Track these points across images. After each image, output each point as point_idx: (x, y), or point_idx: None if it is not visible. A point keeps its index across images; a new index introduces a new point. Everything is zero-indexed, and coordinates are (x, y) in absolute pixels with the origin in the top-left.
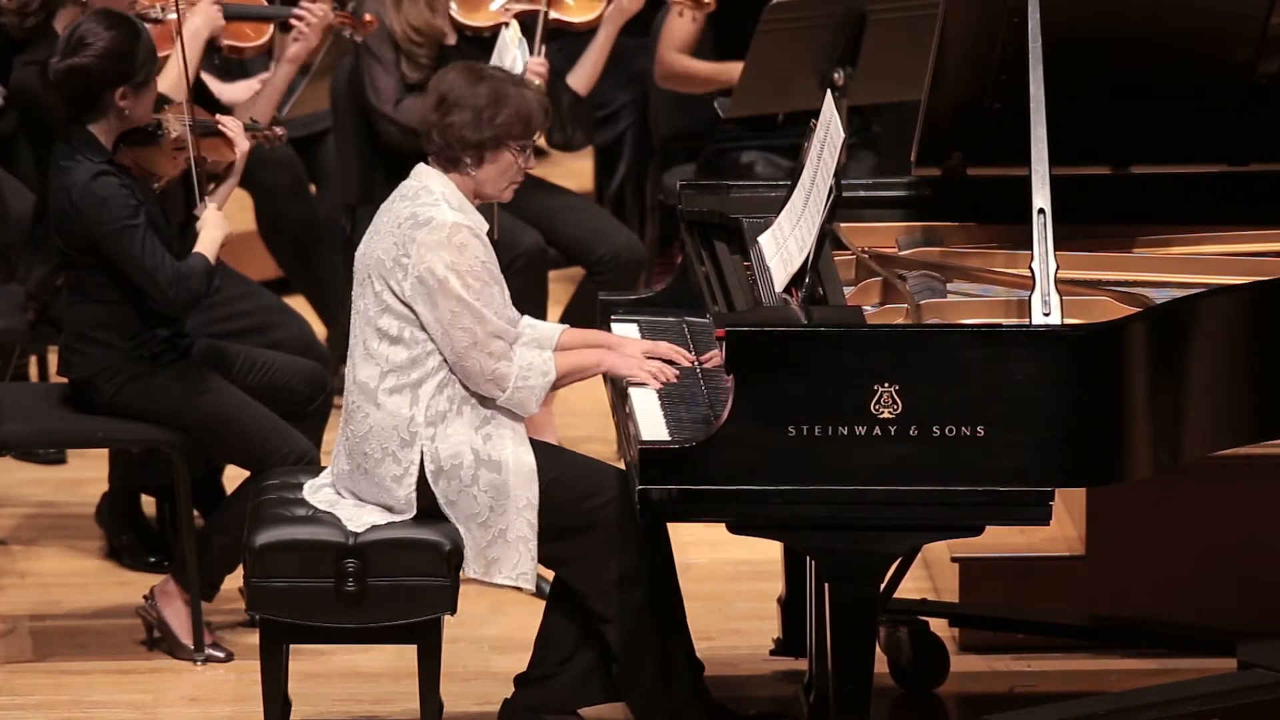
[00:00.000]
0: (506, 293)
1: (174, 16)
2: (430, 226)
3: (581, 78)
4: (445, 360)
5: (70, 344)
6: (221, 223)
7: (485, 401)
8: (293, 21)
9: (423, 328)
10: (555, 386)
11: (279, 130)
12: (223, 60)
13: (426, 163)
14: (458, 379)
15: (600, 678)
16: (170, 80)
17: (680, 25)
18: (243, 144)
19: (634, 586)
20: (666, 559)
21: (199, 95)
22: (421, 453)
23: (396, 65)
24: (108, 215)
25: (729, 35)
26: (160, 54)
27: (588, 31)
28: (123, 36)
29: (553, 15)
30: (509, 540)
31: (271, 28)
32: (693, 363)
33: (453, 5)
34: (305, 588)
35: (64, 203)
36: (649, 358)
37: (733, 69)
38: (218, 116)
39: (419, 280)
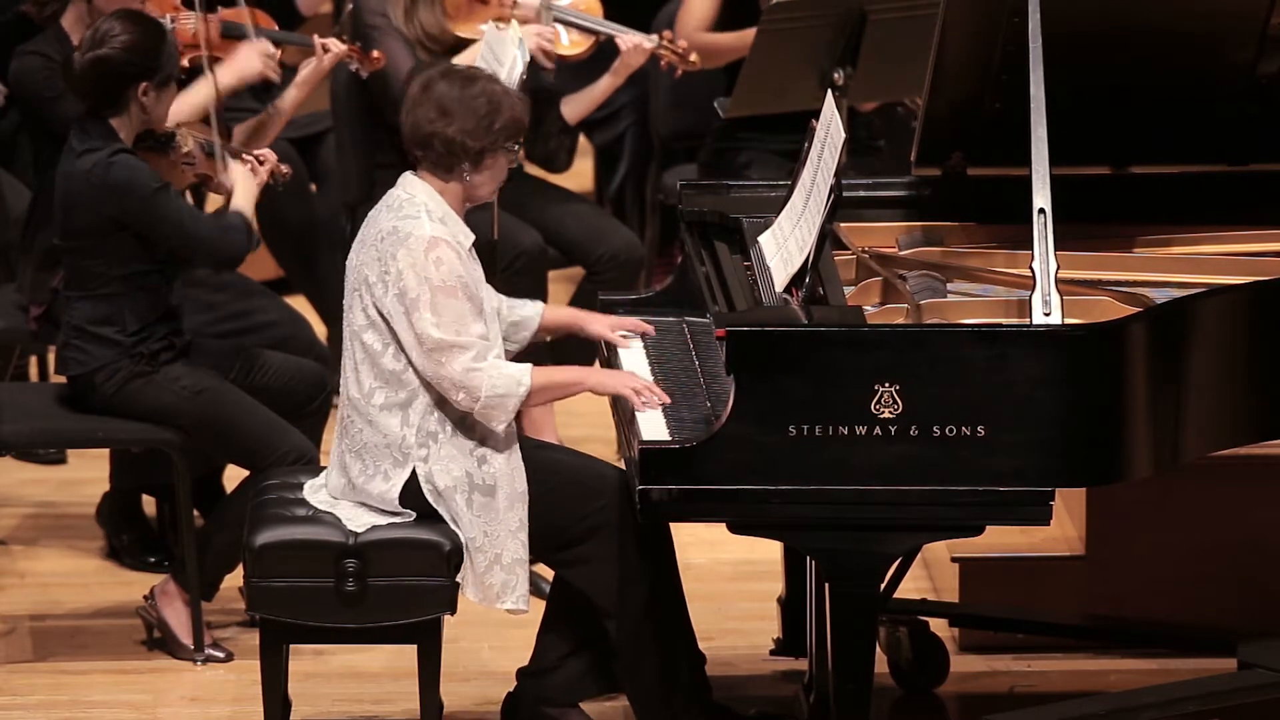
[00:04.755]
0: (487, 303)
1: (179, 26)
2: (409, 242)
3: (574, 110)
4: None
5: (69, 340)
6: (249, 175)
7: (479, 421)
8: (316, 45)
9: (402, 347)
10: (533, 402)
11: (285, 168)
12: None
13: (414, 172)
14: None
15: (601, 672)
16: (194, 104)
17: (698, 4)
18: (259, 178)
19: (636, 583)
20: (669, 555)
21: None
22: (414, 472)
23: (401, 35)
24: (139, 185)
25: (740, 12)
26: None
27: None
28: (148, 33)
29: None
30: (504, 564)
31: (280, 54)
32: (651, 333)
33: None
34: (305, 588)
35: (81, 185)
36: (621, 331)
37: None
38: (259, 152)
39: (397, 296)
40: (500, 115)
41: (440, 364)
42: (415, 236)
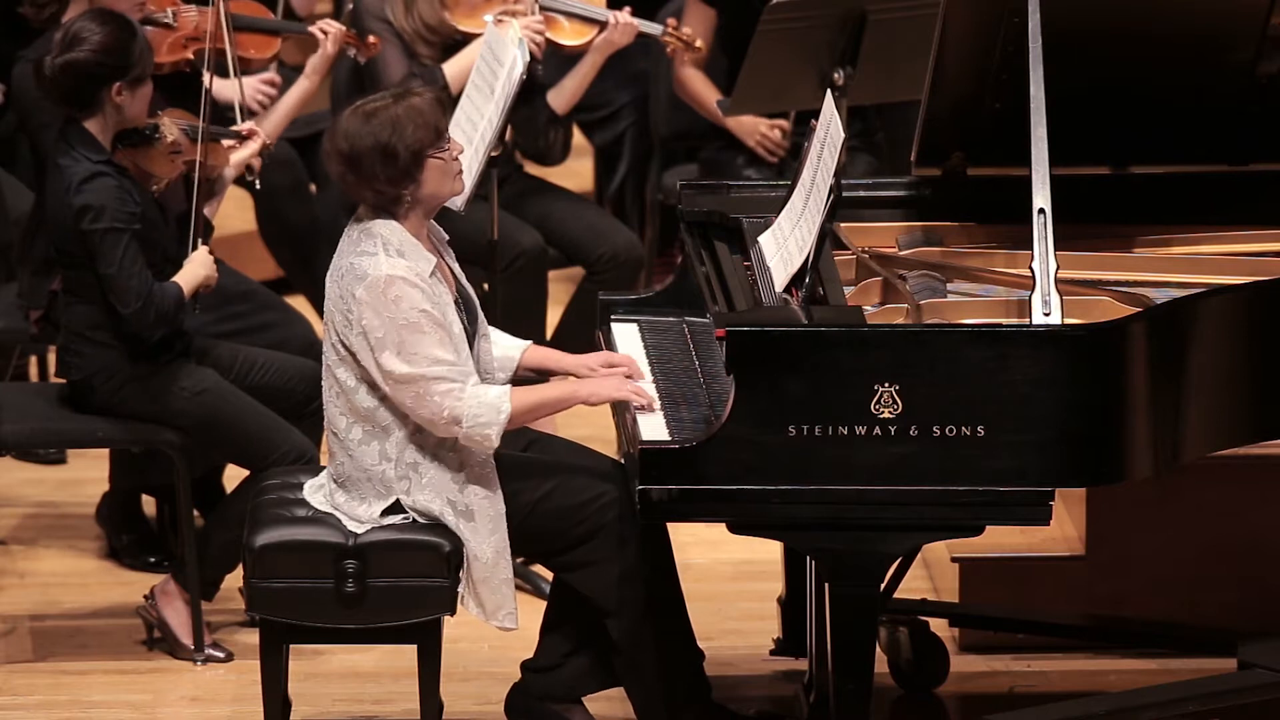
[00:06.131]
0: (456, 324)
1: (181, 19)
2: (366, 283)
3: (562, 98)
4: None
5: (68, 345)
6: (207, 263)
7: (458, 447)
8: (314, 32)
9: (375, 384)
10: (518, 423)
11: (268, 140)
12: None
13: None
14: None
15: (601, 669)
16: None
17: (693, 19)
18: (250, 149)
19: (635, 582)
20: (666, 553)
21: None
22: (397, 501)
23: (399, 39)
24: (101, 214)
25: (736, 36)
26: (165, 59)
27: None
28: (117, 33)
29: (546, 35)
30: (493, 585)
31: (279, 42)
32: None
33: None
34: (305, 588)
35: (60, 200)
36: (611, 367)
37: (716, 109)
38: (243, 126)
39: (361, 336)
40: (404, 133)
41: (418, 397)
42: (371, 276)
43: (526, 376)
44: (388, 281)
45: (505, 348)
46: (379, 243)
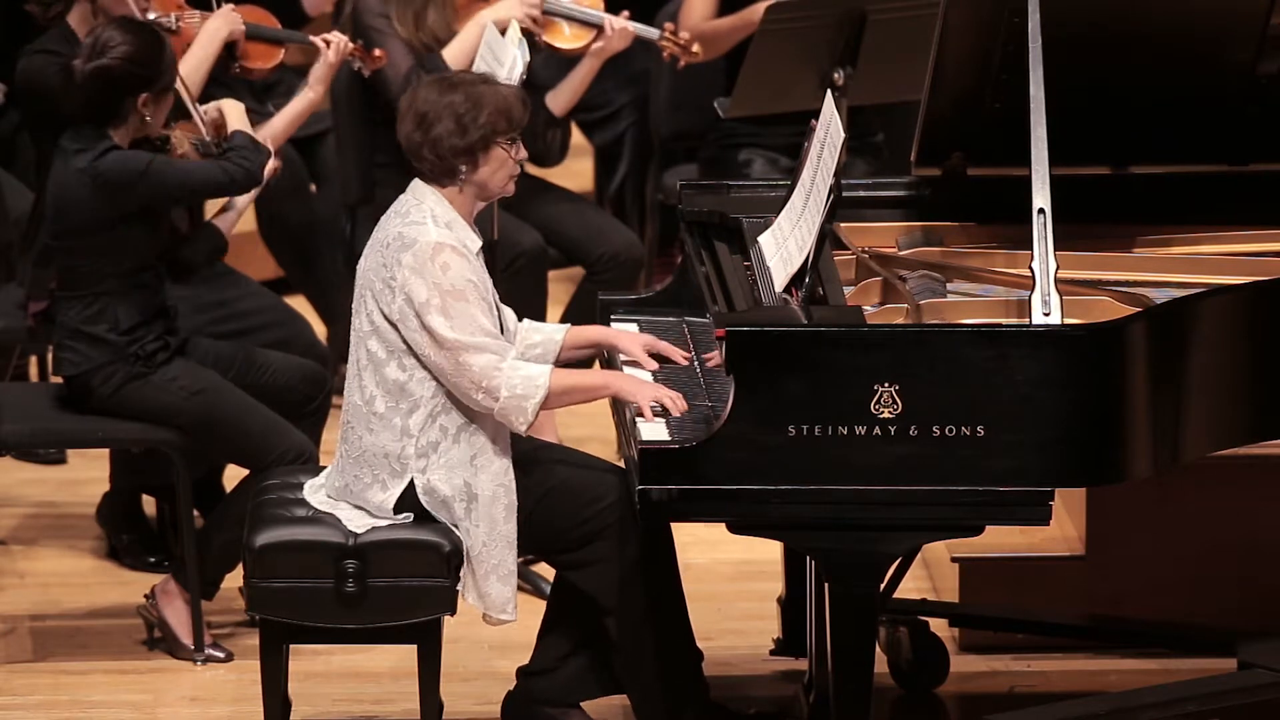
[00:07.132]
0: (494, 308)
1: (184, 25)
2: (414, 249)
3: (560, 101)
4: (437, 388)
5: (63, 341)
6: (236, 103)
7: (478, 431)
8: (317, 42)
9: (410, 353)
10: (553, 404)
11: (275, 162)
12: (229, 80)
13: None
14: (454, 405)
15: (600, 672)
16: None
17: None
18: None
19: (635, 581)
20: (669, 553)
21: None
22: (412, 482)
23: (398, 35)
24: (132, 170)
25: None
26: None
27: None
28: (147, 42)
29: (543, 38)
30: (500, 575)
31: (282, 52)
32: (689, 359)
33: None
34: (305, 588)
35: (74, 184)
36: (650, 352)
37: (756, 9)
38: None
39: (406, 302)
40: (482, 111)
41: (459, 365)
42: (420, 243)
43: (574, 358)
44: (436, 248)
45: (546, 333)
46: (428, 214)
